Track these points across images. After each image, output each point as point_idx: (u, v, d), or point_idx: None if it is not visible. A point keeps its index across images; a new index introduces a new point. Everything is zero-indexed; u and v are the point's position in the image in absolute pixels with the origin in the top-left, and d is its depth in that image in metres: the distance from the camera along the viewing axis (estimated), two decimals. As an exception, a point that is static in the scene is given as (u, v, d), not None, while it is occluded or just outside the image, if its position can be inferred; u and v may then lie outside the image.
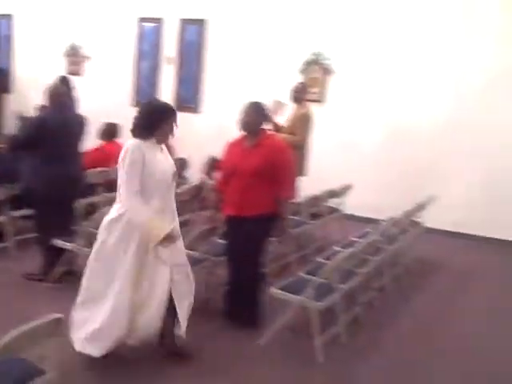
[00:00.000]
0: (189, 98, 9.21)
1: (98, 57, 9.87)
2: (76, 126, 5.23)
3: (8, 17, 10.67)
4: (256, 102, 4.51)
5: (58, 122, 4.94)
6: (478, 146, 7.42)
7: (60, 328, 2.88)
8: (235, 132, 8.16)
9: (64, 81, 7.70)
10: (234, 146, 4.60)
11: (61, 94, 5.10)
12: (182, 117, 8.95)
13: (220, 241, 4.91)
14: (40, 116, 5.17)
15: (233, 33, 8.75)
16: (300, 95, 6.76)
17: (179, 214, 5.95)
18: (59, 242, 4.95)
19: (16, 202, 5.68)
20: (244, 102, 4.50)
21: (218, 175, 6.63)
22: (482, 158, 7.43)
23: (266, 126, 4.63)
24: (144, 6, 9.39)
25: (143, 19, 9.44)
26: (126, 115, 8.57)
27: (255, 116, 4.44)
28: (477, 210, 7.43)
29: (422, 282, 5.97)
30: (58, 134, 4.90)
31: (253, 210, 4.42)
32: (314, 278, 4.23)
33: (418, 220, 6.39)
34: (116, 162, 6.86)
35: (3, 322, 4.21)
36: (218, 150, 7.04)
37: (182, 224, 6.14)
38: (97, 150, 6.80)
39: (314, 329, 4.13)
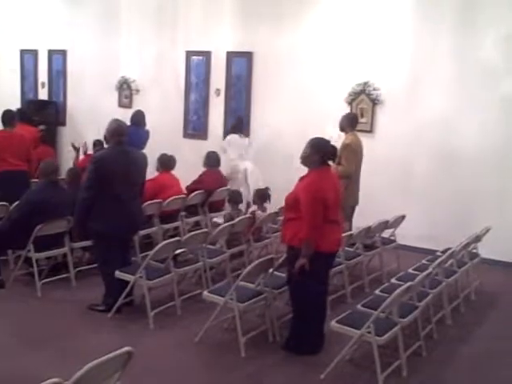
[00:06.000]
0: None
1: (149, 90, 10.09)
2: (137, 164, 5.31)
3: (62, 52, 11.02)
4: (314, 139, 4.58)
5: (117, 162, 5.05)
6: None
7: (129, 361, 2.89)
8: (281, 162, 8.28)
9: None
10: None
11: (121, 133, 5.16)
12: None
13: (278, 273, 4.92)
14: (97, 157, 5.25)
15: (278, 64, 8.84)
16: (344, 126, 6.85)
17: (234, 246, 6.10)
18: (122, 275, 5.04)
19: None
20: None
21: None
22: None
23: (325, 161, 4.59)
24: (192, 40, 9.60)
25: (192, 52, 9.63)
26: (177, 146, 8.88)
27: (309, 151, 4.52)
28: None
29: (482, 315, 5.85)
30: (118, 174, 5.02)
31: (285, 240, 4.63)
32: (374, 311, 4.19)
33: (475, 251, 6.30)
34: (170, 193, 7.03)
35: (69, 353, 4.35)
36: (266, 180, 7.22)
37: (238, 255, 6.28)
38: (151, 180, 6.90)
39: (376, 363, 4.09)
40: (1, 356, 4.30)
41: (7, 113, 7.31)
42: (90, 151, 8.09)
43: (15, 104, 10.29)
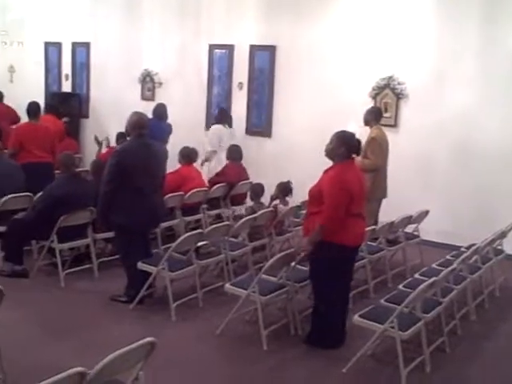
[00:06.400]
0: (260, 123, 9.29)
1: (171, 83, 10.11)
2: (158, 157, 5.31)
3: (86, 45, 11.09)
4: (340, 132, 4.55)
5: (139, 155, 5.04)
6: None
7: (152, 351, 2.90)
8: (304, 156, 8.22)
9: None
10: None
11: (142, 126, 5.14)
12: (253, 141, 9.12)
13: (300, 266, 4.90)
14: (119, 150, 5.25)
15: (302, 58, 8.78)
16: (368, 119, 6.82)
17: (256, 239, 6.10)
18: (144, 266, 5.06)
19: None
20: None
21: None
22: None
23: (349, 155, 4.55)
24: (215, 33, 9.58)
25: (215, 46, 9.62)
26: (200, 140, 8.88)
27: (334, 144, 4.48)
28: None
29: (507, 311, 5.78)
30: (139, 167, 5.01)
31: (307, 233, 4.55)
32: (397, 306, 4.16)
33: (499, 247, 6.22)
34: (192, 185, 7.02)
35: (92, 343, 4.37)
36: (288, 174, 7.17)
37: (260, 249, 6.27)
38: (173, 173, 6.92)
39: (399, 358, 4.05)
40: (25, 346, 4.34)
41: (32, 105, 7.38)
42: (113, 144, 8.12)
43: (39, 96, 10.37)
